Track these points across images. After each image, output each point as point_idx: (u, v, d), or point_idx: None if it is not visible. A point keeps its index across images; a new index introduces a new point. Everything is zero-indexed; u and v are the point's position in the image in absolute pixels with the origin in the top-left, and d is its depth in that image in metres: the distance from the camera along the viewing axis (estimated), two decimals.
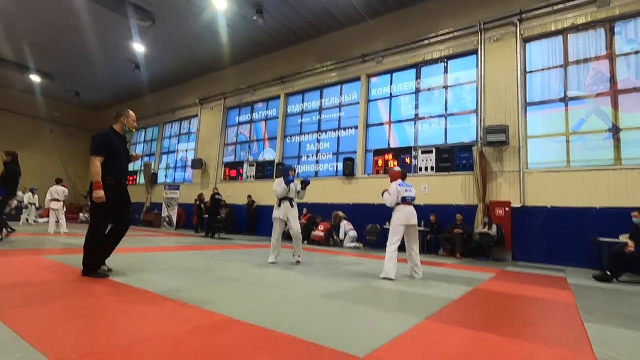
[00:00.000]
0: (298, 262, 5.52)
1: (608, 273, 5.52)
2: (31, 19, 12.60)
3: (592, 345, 2.18)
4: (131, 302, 2.61)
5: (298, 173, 5.86)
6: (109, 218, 3.59)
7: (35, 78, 17.69)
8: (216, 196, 11.52)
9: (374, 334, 2.15)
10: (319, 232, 10.37)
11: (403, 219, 4.67)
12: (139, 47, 14.15)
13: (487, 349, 2.05)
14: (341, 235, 10.35)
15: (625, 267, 5.62)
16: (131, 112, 3.82)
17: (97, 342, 1.76)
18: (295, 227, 5.60)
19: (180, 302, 2.65)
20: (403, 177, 5.01)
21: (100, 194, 3.36)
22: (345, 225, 10.42)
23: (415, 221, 4.73)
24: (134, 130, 3.89)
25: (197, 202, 13.72)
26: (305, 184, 5.76)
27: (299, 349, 1.85)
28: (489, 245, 8.39)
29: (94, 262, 3.47)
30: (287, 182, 5.59)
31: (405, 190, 4.83)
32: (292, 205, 5.62)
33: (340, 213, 10.77)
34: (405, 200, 4.78)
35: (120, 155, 3.68)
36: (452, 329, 2.39)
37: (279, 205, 5.63)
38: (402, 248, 4.68)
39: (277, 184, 5.62)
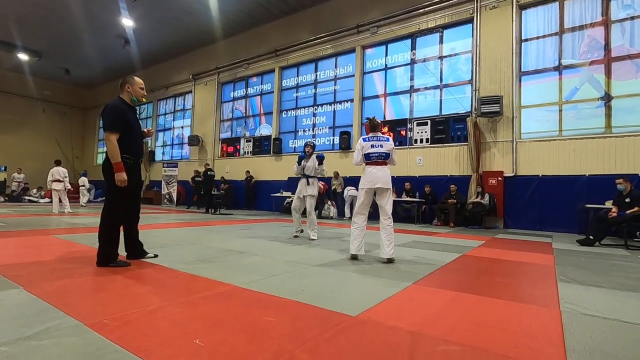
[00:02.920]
0: (312, 239, 5.39)
1: (591, 237, 5.84)
2: None
3: (560, 301, 2.46)
4: (146, 275, 2.87)
5: (313, 145, 5.75)
6: (127, 202, 3.22)
7: (23, 56, 17.30)
8: (209, 172, 11.67)
9: (366, 297, 2.42)
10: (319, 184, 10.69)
11: (365, 181, 3.87)
12: (127, 22, 13.79)
13: (463, 306, 2.32)
14: (345, 194, 10.63)
15: (607, 231, 5.94)
16: (137, 79, 3.26)
17: (123, 308, 2.01)
18: (308, 205, 5.60)
19: (191, 274, 2.91)
20: (372, 129, 4.02)
21: (122, 176, 3.00)
22: (347, 191, 10.70)
23: (381, 184, 3.76)
24: (143, 100, 3.31)
25: (196, 179, 13.93)
26: (319, 159, 5.65)
27: (300, 310, 2.10)
28: (482, 214, 8.71)
29: (113, 251, 3.13)
30: (299, 159, 5.66)
31: (372, 146, 3.89)
32: (308, 183, 5.60)
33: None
34: (370, 159, 3.89)
35: (135, 130, 3.22)
36: (436, 291, 2.67)
37: (299, 182, 5.75)
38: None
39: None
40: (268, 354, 1.51)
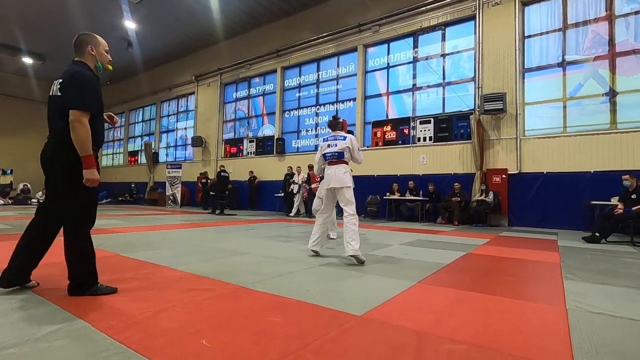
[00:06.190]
0: (332, 238, 5.32)
1: (597, 234, 5.80)
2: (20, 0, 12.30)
3: (566, 298, 2.45)
4: (151, 276, 2.88)
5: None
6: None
7: (27, 60, 17.44)
8: (222, 173, 11.73)
9: (371, 297, 2.41)
10: (316, 184, 10.66)
11: (323, 182, 3.99)
12: (130, 24, 13.86)
13: (468, 304, 2.32)
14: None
15: (613, 228, 5.90)
16: (101, 39, 2.48)
17: (129, 310, 2.03)
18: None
19: (196, 275, 2.92)
20: (331, 128, 4.02)
21: (95, 174, 2.21)
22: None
23: (334, 184, 3.73)
24: (109, 67, 2.55)
25: (203, 180, 14.00)
26: None
27: (305, 310, 2.11)
28: (486, 212, 8.67)
29: (95, 272, 2.36)
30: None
31: (328, 146, 3.91)
32: None
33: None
34: (326, 159, 3.93)
35: (102, 111, 2.41)
36: (441, 290, 2.66)
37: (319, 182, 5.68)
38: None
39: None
40: (274, 354, 1.52)
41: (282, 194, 11.70)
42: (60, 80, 2.26)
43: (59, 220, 2.33)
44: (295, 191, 10.96)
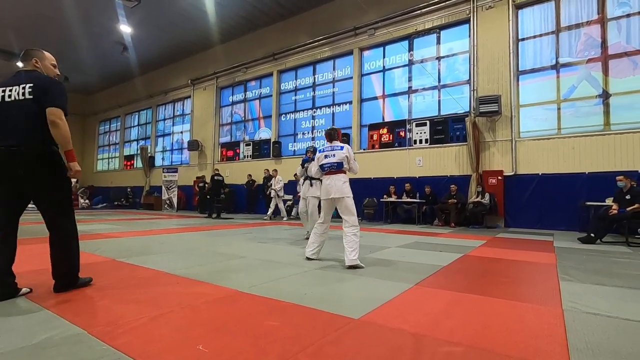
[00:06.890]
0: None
1: (592, 235, 5.84)
2: (14, 3, 12.24)
3: (562, 299, 2.46)
4: (148, 281, 2.86)
5: (314, 150, 5.86)
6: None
7: (21, 64, 17.33)
8: (216, 177, 11.71)
9: (368, 300, 2.41)
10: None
11: (322, 193, 3.97)
12: (126, 28, 13.84)
13: (465, 306, 2.32)
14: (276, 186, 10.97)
15: (608, 228, 5.94)
16: (47, 53, 2.62)
17: (126, 315, 2.01)
18: (310, 206, 5.73)
19: (192, 280, 2.91)
20: (329, 139, 4.05)
21: (79, 166, 2.44)
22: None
23: (334, 194, 3.74)
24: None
25: (200, 184, 13.96)
26: None
27: (302, 314, 2.10)
28: (482, 213, 8.70)
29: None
30: (303, 162, 5.82)
31: (325, 157, 3.92)
32: (311, 185, 5.74)
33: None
34: (324, 170, 3.94)
35: None
36: (438, 292, 2.67)
37: (302, 185, 5.92)
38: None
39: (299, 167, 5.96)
40: (271, 358, 1.51)
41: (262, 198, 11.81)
42: (31, 85, 2.32)
43: (17, 220, 2.48)
44: (272, 195, 11.10)
